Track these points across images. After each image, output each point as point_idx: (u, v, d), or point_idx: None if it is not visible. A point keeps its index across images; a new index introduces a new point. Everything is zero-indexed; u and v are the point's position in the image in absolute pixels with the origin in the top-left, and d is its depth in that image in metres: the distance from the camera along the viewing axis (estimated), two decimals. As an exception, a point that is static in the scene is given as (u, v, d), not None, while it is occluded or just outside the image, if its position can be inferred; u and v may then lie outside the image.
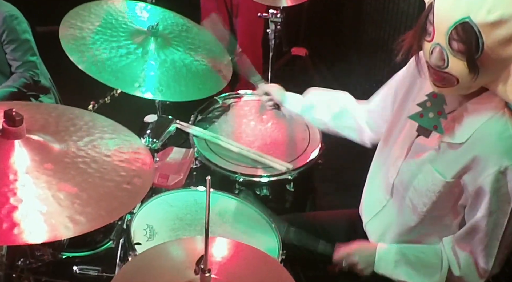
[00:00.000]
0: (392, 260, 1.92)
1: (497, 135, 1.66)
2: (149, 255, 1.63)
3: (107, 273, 2.07)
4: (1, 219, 1.30)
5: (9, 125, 1.44)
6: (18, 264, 1.86)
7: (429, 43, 1.63)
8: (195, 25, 2.55)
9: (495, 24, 1.49)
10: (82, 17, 2.26)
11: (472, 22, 1.50)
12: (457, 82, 1.61)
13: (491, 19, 1.49)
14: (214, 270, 1.48)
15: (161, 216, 2.13)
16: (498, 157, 1.64)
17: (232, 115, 2.79)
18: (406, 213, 1.90)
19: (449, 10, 1.54)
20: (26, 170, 1.41)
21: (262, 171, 2.42)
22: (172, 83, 2.20)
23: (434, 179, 1.78)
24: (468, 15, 1.50)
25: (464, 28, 1.52)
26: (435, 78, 1.67)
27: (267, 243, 2.05)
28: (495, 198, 1.66)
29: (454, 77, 1.61)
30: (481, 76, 1.59)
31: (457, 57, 1.57)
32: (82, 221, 1.36)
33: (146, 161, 1.63)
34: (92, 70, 2.08)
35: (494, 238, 1.73)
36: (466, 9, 1.51)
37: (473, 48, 1.53)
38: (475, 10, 1.50)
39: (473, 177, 1.69)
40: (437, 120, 1.76)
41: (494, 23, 1.49)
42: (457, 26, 1.53)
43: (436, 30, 1.59)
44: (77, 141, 1.59)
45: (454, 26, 1.53)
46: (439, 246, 1.88)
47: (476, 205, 1.72)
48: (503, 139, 1.65)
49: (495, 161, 1.64)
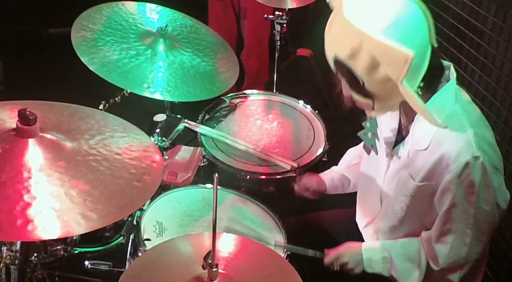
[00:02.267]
0: (379, 258, 1.95)
1: (453, 132, 1.70)
2: (158, 251, 1.64)
3: (118, 268, 2.07)
4: (15, 215, 1.30)
5: (23, 124, 1.44)
6: (32, 259, 1.86)
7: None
8: (203, 26, 2.55)
9: (352, 55, 1.60)
10: (93, 19, 2.26)
11: (339, 58, 1.65)
12: (372, 108, 1.73)
13: (346, 52, 1.61)
14: (221, 265, 1.48)
15: (170, 212, 2.14)
16: (459, 153, 1.67)
17: (238, 114, 2.79)
18: (391, 217, 1.96)
19: (326, 50, 1.72)
20: (40, 168, 1.42)
21: (268, 169, 2.42)
22: (180, 83, 2.21)
23: (407, 183, 1.84)
24: (335, 53, 1.66)
25: (337, 64, 1.68)
26: (359, 106, 1.78)
27: (272, 239, 2.05)
28: (459, 191, 1.70)
29: (366, 104, 1.73)
30: (383, 99, 1.69)
31: (351, 89, 1.71)
32: (94, 218, 1.37)
33: (155, 159, 1.63)
34: (102, 71, 2.09)
35: (465, 227, 1.76)
36: (333, 49, 1.68)
37: (351, 78, 1.66)
38: (339, 49, 1.64)
39: (440, 175, 1.73)
40: (373, 140, 1.95)
41: (351, 55, 1.60)
42: (335, 62, 1.68)
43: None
44: (88, 139, 1.59)
45: (333, 63, 1.69)
46: (419, 241, 1.91)
47: (443, 199, 1.75)
48: (459, 135, 1.69)
49: (456, 157, 1.67)
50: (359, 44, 1.57)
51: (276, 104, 2.89)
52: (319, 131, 2.67)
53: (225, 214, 2.15)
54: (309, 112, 2.81)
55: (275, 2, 3.11)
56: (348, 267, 1.99)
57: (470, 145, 1.67)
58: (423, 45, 1.60)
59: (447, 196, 1.73)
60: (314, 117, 2.77)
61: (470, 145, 1.67)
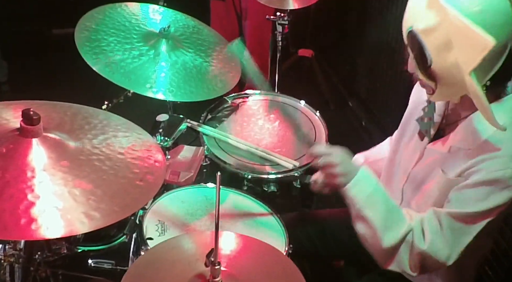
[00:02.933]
0: (367, 191, 1.80)
1: (506, 147, 1.66)
2: (161, 249, 1.64)
3: (121, 266, 2.08)
4: (19, 214, 1.31)
5: (26, 124, 1.45)
6: (35, 258, 1.87)
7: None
8: (206, 27, 2.55)
9: (428, 30, 1.58)
10: (97, 20, 2.27)
11: (414, 30, 1.62)
12: (433, 91, 1.70)
13: (422, 26, 1.59)
14: (224, 263, 1.48)
15: (173, 211, 2.14)
16: (501, 168, 1.65)
17: (240, 114, 2.79)
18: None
19: (404, 21, 1.68)
20: (43, 167, 1.42)
21: (270, 168, 2.42)
22: (182, 84, 2.21)
23: (439, 178, 1.79)
24: (411, 25, 1.62)
25: (411, 36, 1.64)
26: (420, 85, 1.76)
27: (274, 237, 2.05)
28: (489, 194, 1.67)
29: (427, 85, 1.71)
30: (446, 85, 1.66)
31: (417, 65, 1.68)
32: (97, 217, 1.37)
33: (158, 158, 1.63)
34: (105, 71, 2.09)
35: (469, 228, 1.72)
36: (411, 19, 1.64)
37: (420, 55, 1.63)
38: (417, 21, 1.61)
39: (475, 172, 1.69)
40: (429, 125, 1.85)
41: (426, 30, 1.58)
42: (408, 35, 1.65)
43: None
44: (92, 139, 1.60)
45: (406, 37, 1.67)
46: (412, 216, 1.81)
47: (469, 194, 1.70)
48: (509, 147, 1.66)
49: (498, 171, 1.65)
50: (440, 21, 1.54)
51: (278, 104, 2.88)
52: (321, 131, 2.66)
53: (227, 213, 2.15)
54: (310, 112, 2.80)
55: (277, 3, 3.11)
56: (332, 171, 1.82)
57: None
58: (502, 43, 1.55)
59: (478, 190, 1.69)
60: (315, 117, 2.76)
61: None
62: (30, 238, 1.29)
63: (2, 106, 1.63)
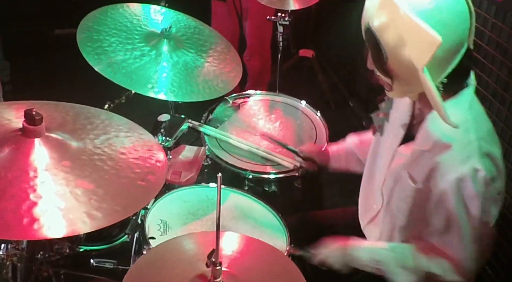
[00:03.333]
0: (366, 262, 1.89)
1: (456, 141, 1.66)
2: (162, 249, 1.64)
3: (123, 265, 2.08)
4: (21, 214, 1.31)
5: (29, 124, 1.45)
6: (38, 257, 1.86)
7: None
8: (207, 27, 2.55)
9: (382, 27, 1.58)
10: (99, 20, 2.26)
11: (370, 27, 1.61)
12: (391, 88, 1.71)
13: (377, 23, 1.59)
14: (225, 263, 1.48)
15: (174, 211, 2.14)
16: (456, 164, 1.64)
17: (241, 114, 2.79)
18: (394, 218, 1.90)
19: (362, 19, 1.67)
20: (45, 167, 1.42)
21: (271, 168, 2.42)
22: (184, 84, 2.21)
23: (407, 185, 1.79)
24: (368, 22, 1.62)
25: (367, 33, 1.64)
26: (379, 81, 1.76)
27: (275, 237, 2.05)
28: (458, 204, 1.65)
29: (385, 82, 1.71)
30: (403, 82, 1.67)
31: (375, 62, 1.68)
32: (99, 217, 1.37)
33: (159, 158, 1.63)
34: (107, 72, 2.09)
35: (465, 240, 1.71)
36: (367, 17, 1.63)
37: (377, 51, 1.62)
38: (372, 18, 1.60)
39: (435, 182, 1.69)
40: (382, 121, 1.90)
41: (381, 27, 1.58)
42: (365, 31, 1.65)
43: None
44: (93, 139, 1.60)
45: (364, 33, 1.66)
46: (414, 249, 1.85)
47: (440, 209, 1.71)
48: (463, 146, 1.65)
49: (454, 168, 1.64)
50: (392, 17, 1.55)
51: (279, 104, 2.88)
52: (321, 130, 2.66)
53: (229, 213, 2.15)
54: (311, 112, 2.80)
55: (277, 3, 3.11)
56: (335, 268, 1.94)
57: (472, 157, 1.62)
58: (458, 42, 1.57)
59: (442, 206, 1.69)
60: (316, 117, 2.76)
61: (472, 156, 1.62)
62: (32, 237, 1.28)
63: (4, 106, 1.63)
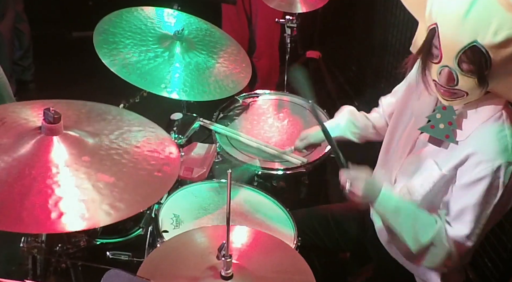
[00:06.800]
0: (391, 207, 1.82)
1: (493, 135, 1.64)
2: (175, 242, 1.64)
3: (137, 258, 2.08)
4: (49, 209, 1.31)
5: (48, 122, 1.45)
6: (56, 250, 1.87)
7: (437, 64, 1.61)
8: (218, 30, 2.55)
9: (502, 44, 1.46)
10: (114, 23, 2.26)
11: (480, 44, 1.48)
12: (467, 94, 1.62)
13: (498, 40, 1.46)
14: (235, 256, 1.48)
15: (186, 206, 2.14)
16: (492, 155, 1.62)
17: (251, 113, 2.78)
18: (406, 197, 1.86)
19: (456, 35, 1.51)
20: (66, 163, 1.42)
21: (279, 165, 2.42)
22: (196, 84, 2.20)
23: (432, 170, 1.76)
24: (475, 39, 1.48)
25: (473, 51, 1.50)
26: (445, 94, 1.66)
27: (283, 231, 2.05)
28: (485, 191, 1.64)
29: (463, 91, 1.61)
30: (490, 86, 1.58)
31: (467, 76, 1.56)
32: (122, 207, 1.37)
33: (172, 150, 1.63)
34: (122, 72, 2.09)
35: (478, 225, 1.69)
36: (473, 33, 1.48)
37: (482, 66, 1.51)
38: (481, 34, 1.47)
39: (467, 169, 1.67)
40: (448, 129, 1.73)
41: (501, 43, 1.46)
42: (466, 50, 1.51)
43: (444, 54, 1.57)
44: (108, 134, 1.60)
45: (463, 51, 1.51)
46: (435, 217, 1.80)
47: (467, 196, 1.68)
48: (498, 139, 1.63)
49: (490, 158, 1.61)
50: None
51: (287, 103, 2.88)
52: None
53: (239, 207, 2.15)
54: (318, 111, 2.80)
55: (286, 6, 3.10)
56: (357, 195, 1.83)
57: (506, 150, 1.61)
58: None
59: (471, 192, 1.66)
60: (322, 116, 2.75)
61: (506, 150, 1.61)
62: (62, 231, 1.28)
63: (20, 106, 1.64)
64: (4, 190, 1.32)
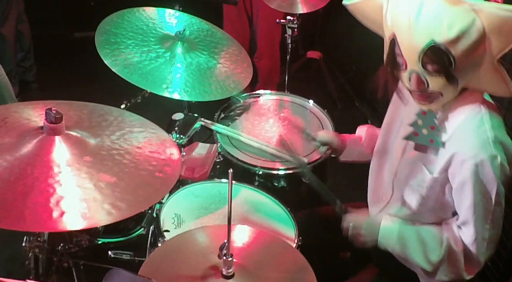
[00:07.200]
0: (394, 238, 1.85)
1: (473, 131, 1.65)
2: (177, 241, 1.65)
3: (139, 257, 2.08)
4: (51, 208, 1.31)
5: (50, 122, 1.45)
6: (58, 249, 1.87)
7: (404, 71, 1.64)
8: (219, 30, 2.55)
9: (458, 37, 1.50)
10: (116, 24, 2.27)
11: (437, 43, 1.51)
12: (441, 95, 1.64)
13: (453, 34, 1.50)
14: (236, 255, 1.48)
15: (188, 205, 2.14)
16: (475, 150, 1.62)
17: (252, 113, 2.78)
18: (405, 207, 1.88)
19: (413, 39, 1.55)
20: (67, 163, 1.42)
21: (280, 165, 2.42)
22: (197, 84, 2.20)
23: (423, 175, 1.78)
24: (432, 38, 1.51)
25: (433, 51, 1.53)
26: (420, 99, 1.69)
27: (284, 230, 2.05)
28: (477, 189, 1.64)
29: (437, 92, 1.64)
30: (460, 82, 1.61)
31: (435, 76, 1.59)
32: (123, 207, 1.37)
33: (173, 151, 1.64)
34: (124, 72, 2.09)
35: (485, 223, 1.69)
36: (428, 34, 1.52)
37: (446, 64, 1.54)
38: (436, 32, 1.51)
39: (454, 170, 1.68)
40: (431, 134, 1.75)
41: (457, 37, 1.50)
42: (426, 51, 1.54)
43: (407, 60, 1.60)
44: (110, 135, 1.60)
45: (423, 52, 1.54)
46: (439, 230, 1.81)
47: (462, 197, 1.69)
48: (478, 134, 1.64)
49: (472, 154, 1.62)
50: (471, 21, 1.49)
51: (287, 103, 2.88)
52: (328, 129, 2.66)
53: (240, 207, 2.15)
54: (318, 111, 2.80)
55: (287, 7, 3.10)
56: (360, 239, 1.90)
57: (488, 144, 1.61)
58: None
59: (464, 193, 1.67)
60: (323, 115, 2.76)
61: (488, 144, 1.61)
62: (64, 229, 1.29)
63: (22, 106, 1.64)
64: (6, 189, 1.33)
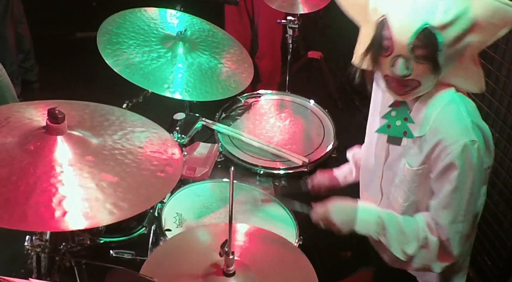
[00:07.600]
0: (372, 224, 1.82)
1: (451, 118, 1.65)
2: (178, 240, 1.65)
3: (140, 256, 2.09)
4: (53, 208, 1.31)
5: (52, 122, 1.45)
6: (60, 248, 1.87)
7: (388, 57, 1.63)
8: (220, 30, 2.55)
9: (451, 22, 1.52)
10: (117, 24, 2.27)
11: (431, 26, 1.53)
12: (420, 84, 1.64)
13: (448, 19, 1.52)
14: (237, 253, 1.48)
15: (189, 205, 2.14)
16: (455, 137, 1.62)
17: (253, 113, 2.78)
18: (392, 206, 1.88)
19: (407, 20, 1.56)
20: (70, 163, 1.42)
21: (281, 164, 2.42)
22: (198, 84, 2.21)
23: (404, 170, 1.78)
24: (427, 21, 1.53)
25: (425, 33, 1.54)
26: (397, 87, 1.69)
27: (285, 229, 2.05)
28: (461, 172, 1.64)
29: (417, 81, 1.64)
30: (442, 72, 1.62)
31: (420, 62, 1.59)
32: (125, 207, 1.37)
33: (174, 151, 1.64)
34: (126, 72, 2.09)
35: (461, 212, 1.69)
36: (424, 16, 1.53)
37: (435, 49, 1.55)
38: (432, 15, 1.52)
39: (438, 157, 1.67)
40: (405, 126, 1.76)
41: (450, 22, 1.52)
42: (419, 34, 1.54)
43: (396, 43, 1.59)
44: (111, 135, 1.60)
45: (416, 35, 1.55)
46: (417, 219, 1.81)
47: (444, 181, 1.68)
48: (457, 121, 1.64)
49: (453, 141, 1.62)
50: (465, 7, 1.52)
51: (288, 103, 2.88)
52: (329, 128, 2.66)
53: (240, 206, 2.15)
54: (319, 111, 2.80)
55: (288, 7, 3.10)
56: (335, 228, 1.86)
57: (469, 129, 1.62)
58: None
59: (445, 178, 1.67)
60: (324, 115, 2.76)
61: (468, 129, 1.62)
62: (66, 229, 1.29)
63: (25, 106, 1.64)
64: (9, 188, 1.33)
